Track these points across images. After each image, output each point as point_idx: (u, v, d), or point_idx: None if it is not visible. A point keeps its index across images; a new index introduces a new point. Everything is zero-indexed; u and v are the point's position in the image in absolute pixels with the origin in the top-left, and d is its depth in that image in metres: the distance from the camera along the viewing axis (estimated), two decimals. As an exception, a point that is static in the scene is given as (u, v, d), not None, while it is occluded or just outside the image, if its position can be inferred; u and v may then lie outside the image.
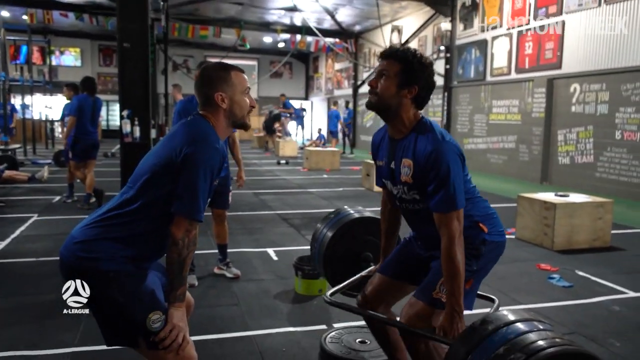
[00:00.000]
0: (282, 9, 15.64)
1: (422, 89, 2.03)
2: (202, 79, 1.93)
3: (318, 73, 24.53)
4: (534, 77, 10.85)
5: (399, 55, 2.02)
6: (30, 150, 14.47)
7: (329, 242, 2.69)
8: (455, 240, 1.92)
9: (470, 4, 12.93)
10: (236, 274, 4.29)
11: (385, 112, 2.07)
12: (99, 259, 1.76)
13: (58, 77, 19.65)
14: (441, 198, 1.93)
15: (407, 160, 2.03)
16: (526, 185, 10.18)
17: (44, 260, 4.67)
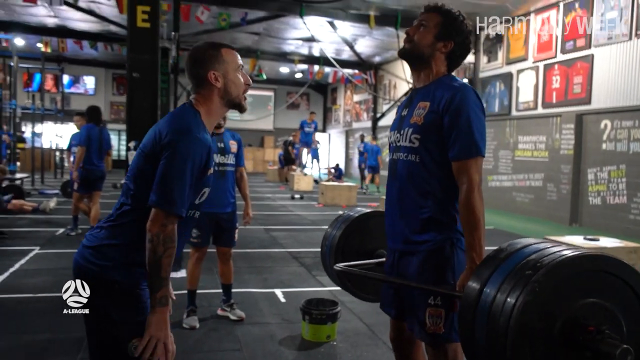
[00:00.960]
0: (299, 39, 15.46)
1: (458, 46, 2.01)
2: (192, 60, 1.84)
3: (336, 105, 24.24)
4: (561, 112, 10.38)
5: (441, 9, 2.02)
6: (39, 179, 14.22)
7: (340, 237, 2.49)
8: (475, 188, 1.84)
9: (494, 37, 12.58)
10: (240, 317, 4.04)
11: (417, 60, 2.03)
12: (107, 266, 1.70)
13: (70, 106, 19.59)
14: (462, 142, 1.86)
15: (423, 103, 1.98)
16: (554, 227, 9.63)
17: (40, 296, 4.47)
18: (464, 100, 1.87)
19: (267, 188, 16.35)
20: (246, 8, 11.76)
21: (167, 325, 1.68)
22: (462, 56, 2.06)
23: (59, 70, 17.05)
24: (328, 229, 2.60)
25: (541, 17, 10.97)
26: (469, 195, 1.83)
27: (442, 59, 2.02)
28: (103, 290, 1.70)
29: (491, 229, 9.32)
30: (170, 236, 1.65)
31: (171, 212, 1.65)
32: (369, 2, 11.48)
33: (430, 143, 1.93)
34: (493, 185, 12.62)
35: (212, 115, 1.84)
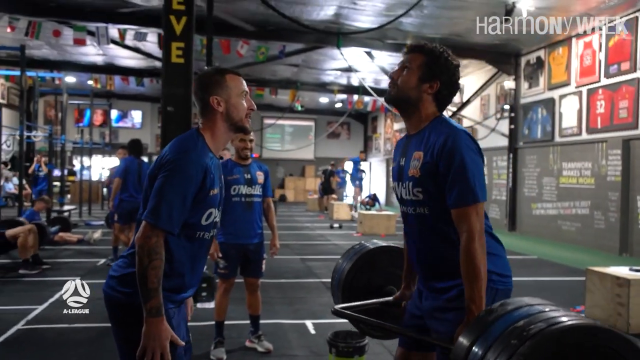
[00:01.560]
0: (338, 70, 15.63)
1: (445, 85, 1.94)
2: (198, 84, 1.93)
3: (377, 133, 24.25)
4: (607, 138, 10.03)
5: (424, 48, 1.97)
6: (86, 211, 14.74)
7: (348, 272, 2.45)
8: (475, 237, 1.77)
9: (535, 62, 12.38)
10: (268, 349, 4.02)
11: (404, 105, 1.99)
12: (131, 293, 1.76)
13: (118, 139, 20.35)
14: (458, 190, 1.80)
15: (417, 153, 1.93)
16: (603, 257, 9.21)
17: (76, 327, 4.55)
18: (456, 145, 1.82)
19: (307, 217, 16.40)
20: (283, 41, 12.00)
21: (161, 335, 1.70)
22: (451, 94, 1.99)
23: (107, 106, 17.81)
24: (339, 259, 2.59)
25: (583, 41, 10.74)
26: (469, 245, 1.78)
27: (430, 100, 1.96)
28: (132, 316, 1.75)
29: (535, 259, 9.04)
30: (154, 248, 1.69)
31: (156, 226, 1.70)
32: (405, 32, 11.52)
33: (433, 193, 1.88)
34: (537, 214, 12.23)
35: (217, 139, 1.91)
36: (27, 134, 10.49)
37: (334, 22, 10.96)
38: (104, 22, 10.73)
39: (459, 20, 10.58)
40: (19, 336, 4.36)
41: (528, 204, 12.61)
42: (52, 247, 8.65)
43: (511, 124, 13.10)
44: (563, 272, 7.74)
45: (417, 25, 10.98)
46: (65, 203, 12.56)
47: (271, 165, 23.66)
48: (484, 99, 14.92)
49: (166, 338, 1.71)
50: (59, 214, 10.91)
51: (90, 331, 4.40)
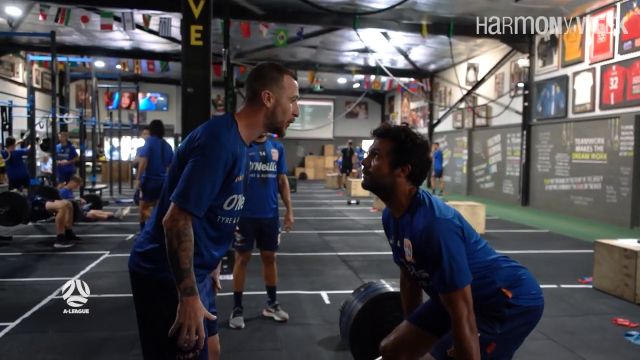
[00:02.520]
0: (355, 51, 15.86)
1: (416, 166, 1.99)
2: (255, 74, 1.92)
3: (394, 112, 24.46)
4: (620, 114, 10.14)
5: (390, 134, 2.00)
6: (117, 189, 15.40)
7: (356, 317, 2.58)
8: (462, 322, 1.82)
9: (549, 40, 12.46)
10: (284, 317, 4.24)
11: (381, 191, 2.04)
12: (156, 268, 1.79)
13: (146, 121, 20.97)
14: (439, 279, 1.86)
15: (407, 240, 1.99)
16: (614, 230, 9.39)
17: (104, 297, 4.83)
18: (431, 234, 1.87)
19: (326, 194, 16.79)
20: (301, 23, 12.29)
21: (196, 312, 1.70)
22: (424, 172, 2.02)
23: (135, 89, 18.38)
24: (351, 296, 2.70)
25: (597, 18, 10.80)
26: (457, 330, 1.83)
27: (404, 181, 2.00)
28: (154, 290, 1.81)
29: (546, 233, 9.26)
30: (183, 230, 1.69)
31: (184, 208, 1.70)
32: (420, 12, 11.69)
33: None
34: (550, 189, 12.42)
35: (251, 130, 1.90)
36: (60, 116, 11.04)
37: (350, 4, 11.19)
38: (129, 8, 11.18)
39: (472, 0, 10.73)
40: (52, 305, 4.57)
41: (541, 180, 12.79)
42: (85, 224, 9.16)
43: (525, 102, 13.26)
44: (573, 245, 7.91)
45: (431, 5, 11.16)
46: (97, 182, 13.17)
47: (291, 144, 24.20)
48: (498, 77, 15.03)
49: (200, 315, 1.72)
50: (91, 192, 11.53)
51: (117, 301, 4.66)
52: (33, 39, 14.50)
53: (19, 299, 4.78)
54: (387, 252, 7.15)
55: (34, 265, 6.14)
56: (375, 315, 2.61)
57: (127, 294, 4.72)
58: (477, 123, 16.34)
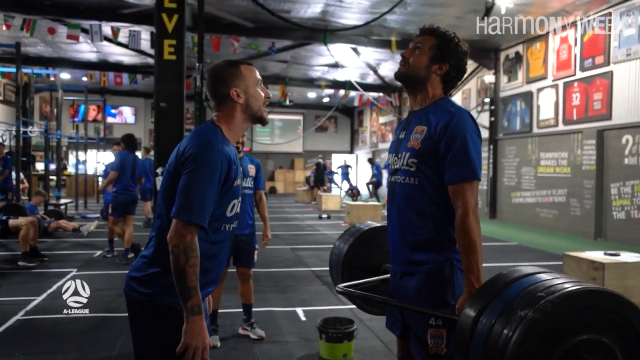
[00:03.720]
0: (325, 66, 15.99)
1: (453, 68, 2.01)
2: (213, 79, 1.88)
3: (363, 127, 24.70)
4: (582, 129, 10.49)
5: (436, 31, 2.03)
6: (82, 204, 15.03)
7: (346, 252, 2.52)
8: (470, 212, 1.83)
9: (514, 57, 12.82)
10: (260, 336, 4.19)
11: (413, 83, 2.05)
12: (154, 294, 1.74)
13: (113, 134, 20.62)
14: (458, 166, 1.86)
15: (420, 127, 1.98)
16: (579, 242, 9.66)
17: (74, 316, 4.56)
18: (459, 125, 1.87)
19: (296, 208, 16.77)
20: (273, 38, 12.34)
21: (203, 333, 1.67)
22: (458, 78, 2.06)
23: (101, 102, 18.05)
24: (336, 242, 2.65)
25: (559, 36, 11.17)
26: (465, 219, 1.83)
27: (438, 81, 2.02)
28: (153, 317, 1.75)
29: (514, 245, 9.45)
30: (189, 245, 1.64)
31: (189, 222, 1.65)
32: (389, 28, 11.90)
33: (428, 167, 1.93)
34: (516, 202, 12.71)
35: (234, 130, 1.87)
36: (24, 129, 10.74)
37: (321, 20, 11.31)
38: (98, 20, 11.01)
39: (441, 17, 10.97)
40: (19, 326, 4.43)
41: (508, 193, 13.09)
42: (47, 240, 8.89)
43: (491, 117, 13.60)
44: (542, 257, 8.06)
45: (400, 22, 11.36)
46: (62, 196, 12.83)
47: (261, 158, 23.87)
48: (465, 92, 15.37)
49: (207, 335, 1.68)
50: (56, 207, 11.23)
51: (88, 321, 4.48)
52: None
53: (-18, 321, 4.59)
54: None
55: (-4, 286, 5.93)
56: (365, 249, 2.56)
57: (97, 313, 4.68)
58: (445, 137, 16.61)
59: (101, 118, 19.56)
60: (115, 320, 4.57)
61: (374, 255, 2.55)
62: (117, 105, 22.64)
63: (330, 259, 2.62)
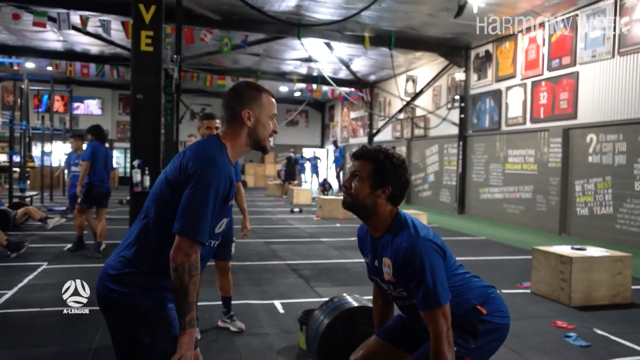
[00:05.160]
0: (298, 60, 15.98)
1: (396, 187, 2.04)
2: (233, 94, 1.92)
3: (334, 121, 24.80)
4: (549, 127, 10.80)
5: (370, 156, 2.05)
6: (48, 197, 14.67)
7: (324, 331, 2.58)
8: (442, 338, 1.88)
9: (483, 55, 13.08)
10: (240, 328, 4.21)
11: (361, 212, 2.08)
12: (130, 292, 1.75)
13: (79, 125, 20.15)
14: (422, 296, 1.90)
15: (386, 260, 2.02)
16: (544, 237, 9.95)
17: (48, 310, 4.62)
18: (414, 253, 1.91)
19: (267, 202, 16.73)
20: (246, 31, 12.27)
21: (192, 342, 1.76)
22: (403, 192, 2.08)
23: (67, 92, 17.61)
24: (317, 311, 2.70)
25: (528, 36, 11.45)
26: (437, 346, 1.88)
27: (385, 202, 2.05)
28: (130, 315, 1.77)
29: (483, 240, 9.66)
30: (194, 264, 1.70)
31: (195, 240, 1.69)
32: (363, 24, 11.96)
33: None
34: (485, 198, 12.99)
35: (236, 150, 1.90)
36: (-14, 119, 10.43)
37: (295, 14, 11.29)
38: (66, 9, 10.74)
39: (414, 14, 11.11)
40: None
41: (476, 189, 13.37)
42: (17, 233, 8.69)
43: (461, 114, 13.85)
44: (510, 252, 8.31)
45: (374, 18, 11.43)
46: (27, 189, 12.50)
47: (232, 152, 23.99)
48: (436, 89, 15.60)
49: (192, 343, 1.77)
50: (21, 199, 10.95)
51: (62, 315, 4.38)
52: (-44, 37, 13.64)
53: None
54: (336, 260, 7.25)
55: (-35, 279, 5.77)
56: (342, 329, 2.63)
57: (74, 307, 4.60)
58: (416, 133, 16.85)
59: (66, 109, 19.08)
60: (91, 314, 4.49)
61: (352, 336, 2.62)
62: (83, 97, 22.13)
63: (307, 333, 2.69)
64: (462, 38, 12.71)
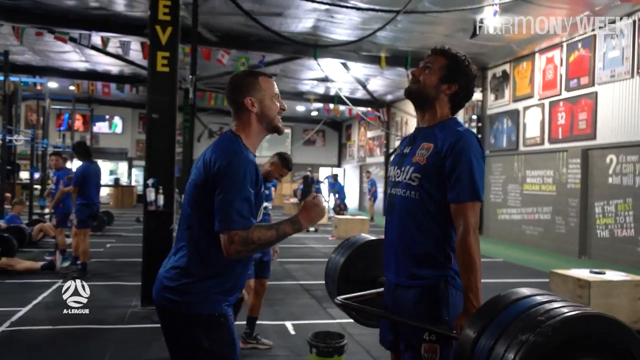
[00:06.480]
0: (315, 80, 16.08)
1: (462, 89, 2.06)
2: (231, 87, 1.95)
3: (351, 141, 24.81)
4: (567, 148, 10.65)
5: (447, 52, 2.08)
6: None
7: (343, 263, 2.54)
8: (471, 231, 1.87)
9: (500, 75, 13.02)
10: (269, 344, 4.31)
11: (422, 101, 2.08)
12: (189, 301, 1.81)
13: (99, 144, 20.47)
14: (460, 186, 1.90)
15: (427, 144, 2.01)
16: (563, 259, 9.76)
17: (59, 328, 4.65)
18: (466, 146, 1.91)
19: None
20: (264, 51, 12.42)
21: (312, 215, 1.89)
22: (466, 98, 2.11)
23: (89, 111, 17.93)
24: (332, 254, 2.67)
25: (545, 56, 11.38)
26: (465, 238, 1.86)
27: (446, 100, 2.06)
28: (192, 323, 1.82)
29: (500, 262, 9.51)
30: (245, 241, 1.76)
31: (231, 230, 1.74)
32: (379, 44, 12.02)
33: (430, 183, 1.96)
34: (503, 219, 12.82)
35: (251, 139, 1.94)
36: (9, 137, 10.64)
37: (311, 34, 11.39)
38: (88, 30, 11.00)
39: (430, 35, 11.12)
40: (4, 337, 4.43)
41: (494, 210, 13.20)
42: (33, 249, 8.77)
43: (478, 134, 13.70)
44: (528, 274, 8.15)
45: (390, 38, 11.49)
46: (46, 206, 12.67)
47: (249, 171, 24.11)
48: (453, 109, 15.50)
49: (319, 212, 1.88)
50: (40, 216, 11.10)
51: (73, 332, 4.49)
52: (-17, 58, 14.00)
53: (-33, 331, 4.53)
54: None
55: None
56: (362, 262, 2.57)
57: (84, 325, 4.62)
58: (432, 153, 16.74)
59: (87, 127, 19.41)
60: (102, 332, 4.52)
61: (370, 268, 2.57)
62: (104, 115, 22.51)
63: (327, 270, 2.63)
64: (479, 58, 12.68)
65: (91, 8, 10.14)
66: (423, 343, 1.91)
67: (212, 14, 10.03)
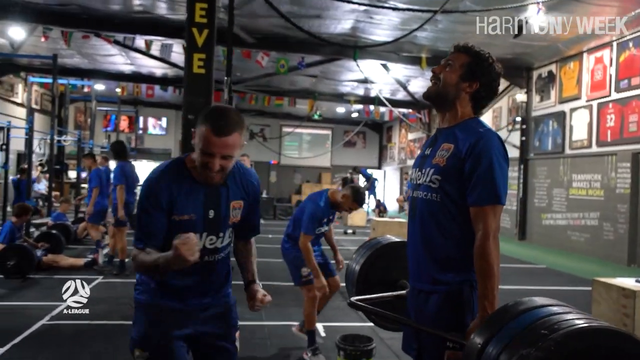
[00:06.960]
0: (355, 81, 16.00)
1: (483, 87, 1.99)
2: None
3: (391, 142, 24.58)
4: (617, 151, 10.21)
5: (469, 49, 2.01)
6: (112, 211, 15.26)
7: (363, 265, 2.50)
8: (490, 236, 1.80)
9: (546, 76, 12.62)
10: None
11: (442, 101, 2.03)
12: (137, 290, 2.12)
13: (144, 144, 20.99)
14: (481, 189, 1.83)
15: (447, 144, 1.95)
16: (611, 267, 9.36)
17: (96, 323, 4.79)
18: (487, 147, 1.85)
19: (323, 224, 16.67)
20: (303, 53, 12.43)
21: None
22: (488, 98, 2.04)
23: (134, 112, 18.44)
24: (354, 254, 2.63)
25: (594, 56, 10.96)
26: (484, 243, 1.80)
27: (467, 99, 1.99)
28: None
29: (543, 268, 9.22)
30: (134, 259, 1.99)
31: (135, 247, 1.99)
32: (419, 45, 11.84)
33: (450, 185, 1.90)
34: (547, 224, 12.40)
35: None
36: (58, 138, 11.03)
37: (351, 36, 11.32)
38: (132, 33, 11.30)
39: (472, 35, 10.83)
40: (44, 331, 4.62)
41: (538, 214, 12.79)
42: (77, 246, 9.06)
43: (522, 136, 13.35)
44: (570, 282, 7.87)
45: (431, 39, 11.30)
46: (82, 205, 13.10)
47: (289, 171, 24.25)
48: (496, 111, 15.17)
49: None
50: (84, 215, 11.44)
51: (108, 328, 4.64)
52: (34, 61, 14.58)
53: (9, 324, 4.74)
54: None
55: (26, 289, 6.05)
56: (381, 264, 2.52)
57: (119, 321, 4.72)
58: (474, 155, 16.41)
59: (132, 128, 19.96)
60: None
61: (391, 270, 2.52)
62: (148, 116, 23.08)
63: (346, 271, 2.61)
64: (523, 58, 12.32)
65: (135, 12, 10.39)
66: (446, 350, 1.84)
67: (252, 17, 10.12)
